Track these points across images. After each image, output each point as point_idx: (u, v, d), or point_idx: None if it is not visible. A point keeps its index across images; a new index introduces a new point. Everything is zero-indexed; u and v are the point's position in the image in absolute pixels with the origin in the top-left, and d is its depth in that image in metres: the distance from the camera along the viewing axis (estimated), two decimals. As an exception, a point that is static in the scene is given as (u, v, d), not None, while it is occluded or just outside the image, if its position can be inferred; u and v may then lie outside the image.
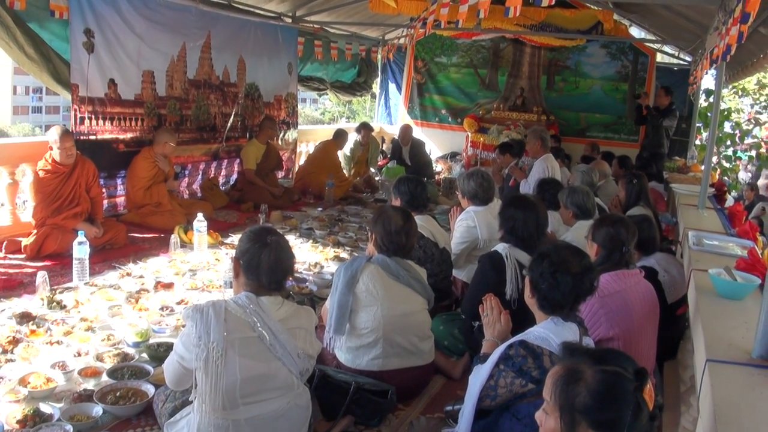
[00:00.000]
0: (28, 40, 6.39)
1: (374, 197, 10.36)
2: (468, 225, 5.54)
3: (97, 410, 3.47)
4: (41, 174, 6.17)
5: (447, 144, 14.28)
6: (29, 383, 3.65)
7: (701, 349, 2.87)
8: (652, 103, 11.40)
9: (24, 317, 4.52)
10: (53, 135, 6.16)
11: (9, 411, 3.40)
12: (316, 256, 6.67)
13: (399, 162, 12.01)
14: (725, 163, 15.14)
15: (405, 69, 14.66)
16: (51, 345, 4.17)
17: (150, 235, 7.17)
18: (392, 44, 13.72)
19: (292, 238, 7.22)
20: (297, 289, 5.55)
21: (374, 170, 11.81)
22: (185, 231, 6.73)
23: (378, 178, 11.33)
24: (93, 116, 7.20)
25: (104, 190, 7.29)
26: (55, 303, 4.81)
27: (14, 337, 4.18)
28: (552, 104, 13.78)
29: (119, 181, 7.74)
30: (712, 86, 10.35)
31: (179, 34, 8.39)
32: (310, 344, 3.04)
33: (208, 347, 2.74)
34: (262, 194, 9.11)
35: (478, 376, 2.98)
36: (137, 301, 5.03)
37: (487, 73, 14.22)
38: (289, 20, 10.88)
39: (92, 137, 7.23)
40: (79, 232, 5.48)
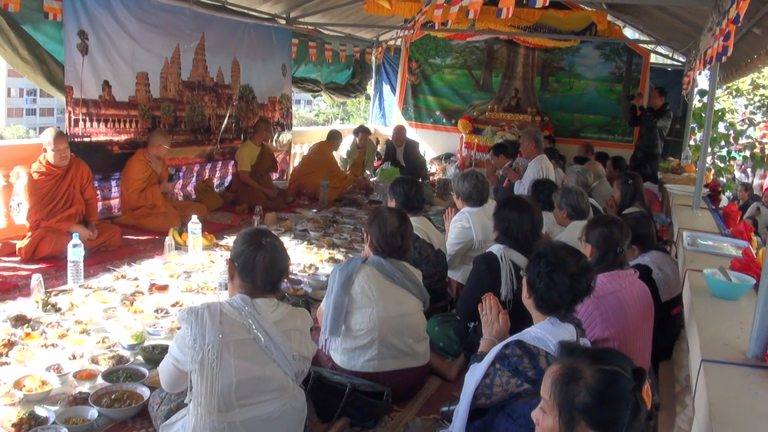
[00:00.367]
0: (22, 43, 6.37)
1: (369, 199, 10.35)
2: (463, 226, 5.54)
3: (93, 413, 3.46)
4: (35, 176, 6.15)
5: (441, 145, 14.28)
6: (24, 386, 3.64)
7: (696, 349, 2.87)
8: (646, 104, 11.42)
9: (19, 320, 4.51)
10: (47, 137, 6.15)
11: (4, 414, 3.38)
12: (311, 258, 6.66)
13: (393, 163, 12.01)
14: (720, 164, 15.16)
15: (399, 70, 14.67)
16: (46, 348, 4.16)
17: (144, 237, 7.16)
18: (386, 45, 13.72)
19: (287, 240, 7.21)
20: (292, 291, 5.55)
21: (369, 172, 11.81)
22: (180, 233, 6.72)
23: (373, 180, 11.32)
24: (87, 118, 7.19)
25: (98, 192, 7.26)
26: (50, 306, 4.80)
27: (9, 340, 4.17)
28: (546, 105, 13.79)
29: (113, 183, 7.72)
30: (706, 87, 10.38)
31: (173, 36, 8.38)
32: (305, 346, 3.04)
33: (204, 349, 2.73)
34: (257, 196, 9.11)
35: (474, 374, 2.98)
36: (132, 304, 5.02)
37: (482, 74, 14.23)
38: (283, 22, 10.88)
39: (86, 139, 7.22)
40: (74, 235, 5.48)
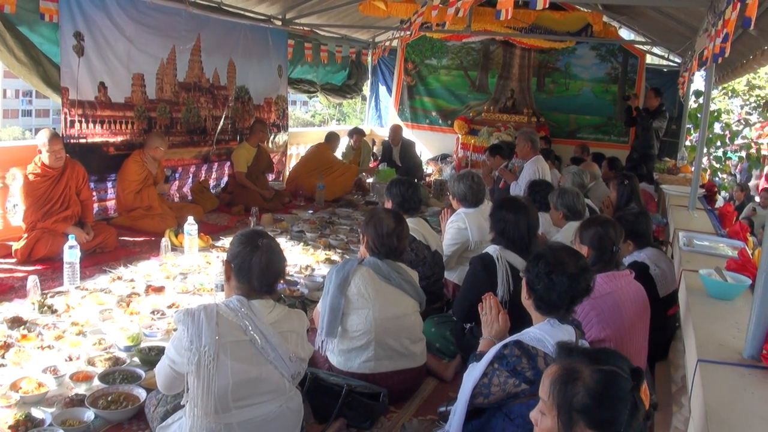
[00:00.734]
0: (18, 44, 6.37)
1: (365, 200, 10.35)
2: (459, 227, 5.54)
3: (89, 415, 3.45)
4: (31, 177, 6.14)
5: (437, 146, 14.30)
6: (21, 388, 3.64)
7: (692, 350, 2.88)
8: (642, 105, 11.43)
9: (15, 322, 4.50)
10: (42, 138, 6.13)
11: (1, 416, 3.38)
12: (307, 259, 6.66)
13: (389, 163, 12.00)
14: (715, 164, 15.19)
15: (395, 71, 14.67)
16: (42, 349, 4.15)
17: (140, 239, 7.15)
18: (384, 46, 13.72)
19: (283, 241, 7.21)
20: (288, 292, 5.55)
21: (364, 174, 11.81)
22: (176, 234, 6.71)
23: (369, 181, 11.32)
24: (83, 119, 7.19)
25: (94, 194, 7.26)
26: (46, 307, 4.79)
27: (5, 342, 4.16)
28: (542, 106, 13.82)
29: (109, 185, 7.72)
30: (702, 87, 10.39)
31: (169, 37, 8.37)
32: (302, 347, 3.04)
33: (200, 351, 2.73)
34: (253, 197, 9.10)
35: (472, 374, 2.98)
36: (128, 305, 5.02)
37: (478, 75, 14.25)
38: (279, 23, 10.88)
39: (82, 140, 7.22)
40: (70, 236, 5.47)
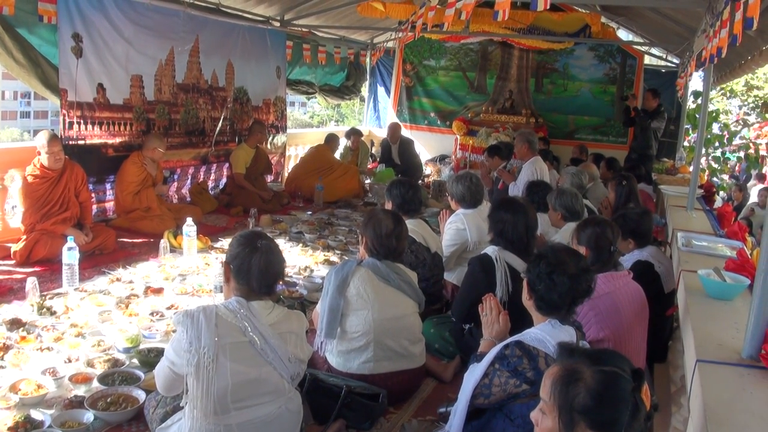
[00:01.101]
0: (17, 45, 6.37)
1: (364, 201, 10.35)
2: (458, 227, 5.55)
3: (89, 416, 3.45)
4: (30, 179, 6.14)
5: (436, 147, 14.31)
6: (20, 390, 3.63)
7: (691, 350, 2.88)
8: (641, 106, 11.44)
9: (14, 324, 4.50)
10: (41, 140, 6.14)
11: (0, 418, 3.38)
12: (306, 260, 6.66)
13: (388, 162, 11.99)
14: (714, 165, 15.18)
15: (393, 72, 14.68)
16: (41, 351, 4.15)
17: (139, 240, 7.15)
18: (381, 47, 13.72)
19: (282, 242, 7.21)
20: (287, 293, 5.55)
21: (362, 176, 11.82)
22: (175, 235, 6.71)
23: (368, 182, 11.32)
24: (82, 121, 7.19)
25: (93, 195, 7.26)
26: (45, 309, 4.79)
27: (4, 344, 4.16)
28: (540, 107, 13.83)
29: (108, 186, 7.71)
30: (700, 88, 10.40)
31: (167, 39, 8.37)
32: (301, 348, 3.04)
33: (199, 352, 2.73)
34: (252, 198, 9.11)
35: (473, 374, 2.99)
36: (127, 307, 5.01)
37: (476, 76, 14.26)
38: (278, 24, 10.88)
39: (81, 142, 7.22)
40: (69, 238, 5.47)
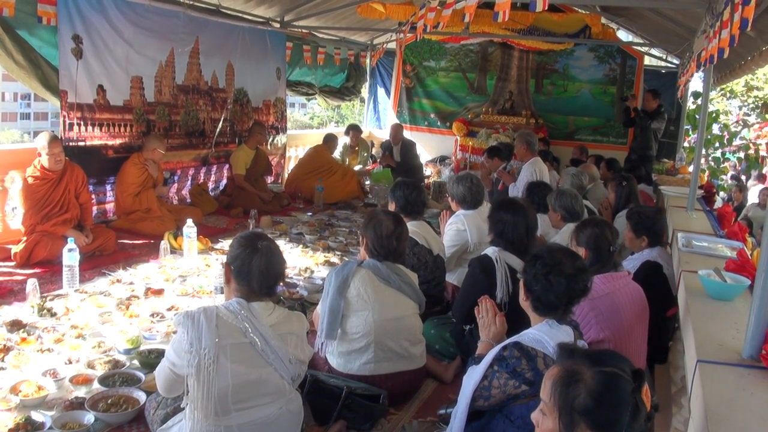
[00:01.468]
0: (17, 47, 6.37)
1: (364, 202, 10.35)
2: (458, 228, 5.55)
3: (89, 418, 3.45)
4: (30, 180, 6.15)
5: (436, 148, 14.31)
6: (20, 391, 3.63)
7: (692, 350, 2.88)
8: (641, 107, 11.44)
9: (14, 325, 4.50)
10: (41, 141, 6.14)
11: (0, 419, 3.38)
12: (307, 261, 6.66)
13: (387, 166, 11.98)
14: (714, 165, 15.20)
15: (393, 73, 14.69)
16: (42, 353, 4.14)
17: (140, 242, 7.15)
18: (381, 48, 13.73)
19: (282, 243, 7.21)
20: (288, 295, 5.55)
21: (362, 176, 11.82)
22: (175, 237, 6.72)
23: (367, 183, 11.32)
24: (82, 122, 7.19)
25: (93, 197, 7.26)
26: (46, 310, 4.79)
27: (5, 345, 4.16)
28: (540, 107, 13.84)
29: (108, 188, 7.71)
30: (700, 89, 10.40)
31: (167, 40, 8.38)
32: (302, 349, 3.04)
33: (200, 354, 2.73)
34: (252, 199, 9.10)
35: (472, 377, 2.98)
36: (128, 308, 5.01)
37: (476, 77, 14.27)
38: (278, 25, 10.89)
39: (81, 143, 7.22)
40: (69, 239, 5.47)
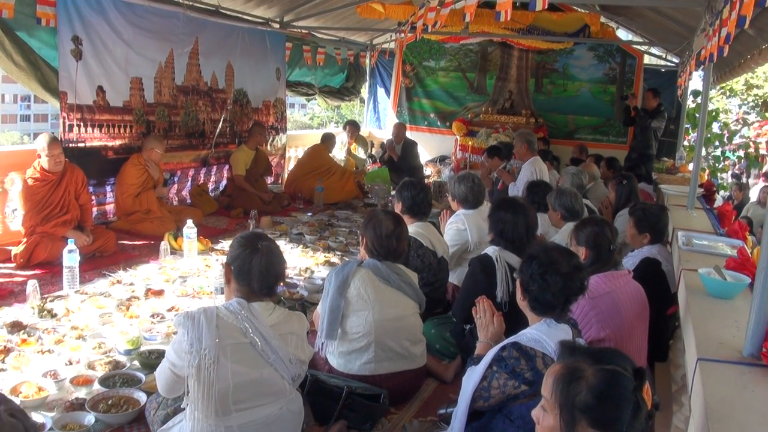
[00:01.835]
0: (16, 49, 6.37)
1: (364, 202, 10.35)
2: (458, 228, 5.55)
3: (90, 419, 3.45)
4: (30, 182, 6.15)
5: (436, 147, 14.31)
6: (21, 393, 3.63)
7: (692, 348, 2.88)
8: (641, 106, 11.43)
9: (15, 326, 4.50)
10: (41, 143, 6.14)
11: (0, 420, 3.38)
12: (307, 261, 6.66)
13: (390, 162, 11.97)
14: (714, 164, 15.21)
15: (393, 73, 14.69)
16: (42, 354, 4.14)
17: (140, 242, 7.15)
18: (381, 48, 13.73)
19: (282, 244, 7.20)
20: (288, 295, 5.55)
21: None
22: (175, 237, 6.71)
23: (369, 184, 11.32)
24: (82, 124, 7.19)
25: (93, 198, 7.27)
26: (46, 311, 4.79)
27: (5, 347, 4.16)
28: (540, 107, 13.85)
29: (108, 189, 7.72)
30: (700, 87, 10.40)
31: (167, 41, 8.38)
32: (302, 349, 3.04)
33: (200, 354, 2.73)
34: (252, 200, 9.10)
35: (472, 378, 2.98)
36: (128, 309, 5.01)
37: (476, 77, 14.27)
38: (277, 25, 10.89)
39: (81, 145, 7.22)
40: (69, 240, 5.47)
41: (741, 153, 17.70)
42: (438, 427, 3.61)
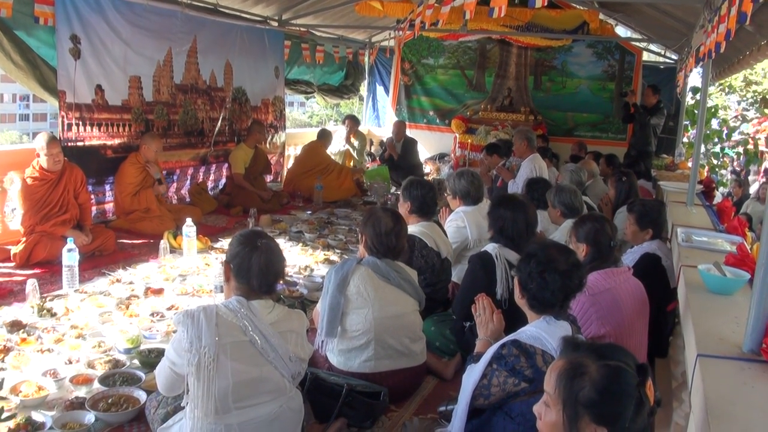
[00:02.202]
0: (15, 48, 6.37)
1: (363, 200, 10.35)
2: (458, 225, 5.54)
3: (90, 418, 3.45)
4: (29, 181, 6.14)
5: (435, 145, 14.30)
6: (21, 392, 3.63)
7: (692, 345, 2.88)
8: (640, 102, 11.42)
9: (14, 326, 4.50)
10: (40, 142, 6.14)
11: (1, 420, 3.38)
12: (306, 260, 6.66)
13: (389, 160, 11.96)
14: (713, 160, 15.21)
15: (392, 71, 14.67)
16: (42, 353, 4.15)
17: (139, 241, 7.15)
18: (380, 46, 13.72)
19: (282, 242, 7.20)
20: (288, 293, 5.54)
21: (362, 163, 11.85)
22: (174, 236, 6.71)
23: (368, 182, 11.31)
24: (80, 122, 7.19)
25: (92, 197, 7.27)
26: (46, 311, 4.79)
27: (5, 346, 4.16)
28: (539, 104, 13.83)
29: (107, 188, 7.72)
30: (699, 84, 10.40)
31: (165, 39, 8.38)
32: (302, 347, 3.03)
33: (200, 352, 2.73)
34: (251, 198, 9.11)
35: (472, 376, 2.98)
36: (127, 308, 5.01)
37: (474, 74, 14.26)
38: (276, 24, 10.88)
39: (80, 144, 7.22)
40: (68, 239, 5.46)
41: (740, 149, 17.69)
42: (438, 425, 3.61)
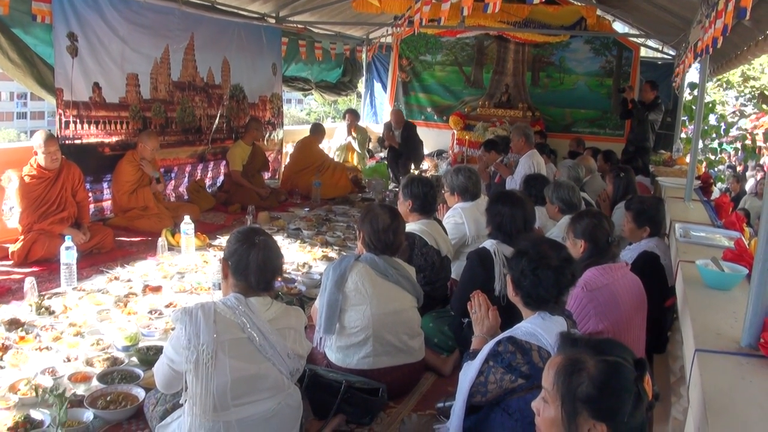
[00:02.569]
0: (12, 46, 6.37)
1: (361, 196, 10.35)
2: (456, 222, 5.54)
3: (88, 415, 3.45)
4: (27, 179, 6.14)
5: (433, 142, 14.28)
6: (19, 390, 3.63)
7: (690, 340, 2.88)
8: (637, 98, 11.43)
9: (13, 324, 4.49)
10: (38, 140, 6.13)
11: (0, 418, 3.39)
12: (304, 257, 6.66)
13: (390, 148, 11.97)
14: (711, 156, 15.21)
15: (390, 68, 14.68)
16: (40, 351, 4.14)
17: (137, 239, 7.15)
18: (379, 43, 13.71)
19: (280, 239, 7.20)
20: (286, 290, 5.54)
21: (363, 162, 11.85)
22: (172, 234, 6.71)
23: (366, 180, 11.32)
24: (78, 120, 7.18)
25: (90, 195, 7.26)
26: (44, 309, 4.78)
27: (3, 344, 4.16)
28: (537, 100, 13.84)
29: (105, 185, 7.71)
30: (697, 79, 10.39)
31: (162, 37, 8.37)
32: (300, 344, 3.03)
33: (198, 349, 2.73)
34: (249, 195, 9.10)
35: (468, 373, 2.99)
36: (126, 305, 5.01)
37: (472, 71, 14.27)
38: (273, 21, 10.88)
39: (78, 141, 7.21)
40: (66, 237, 5.46)
41: (738, 145, 17.70)
42: (437, 421, 3.61)
